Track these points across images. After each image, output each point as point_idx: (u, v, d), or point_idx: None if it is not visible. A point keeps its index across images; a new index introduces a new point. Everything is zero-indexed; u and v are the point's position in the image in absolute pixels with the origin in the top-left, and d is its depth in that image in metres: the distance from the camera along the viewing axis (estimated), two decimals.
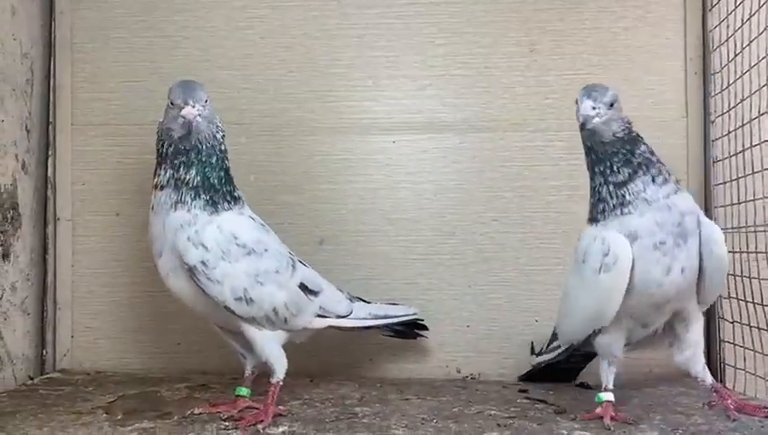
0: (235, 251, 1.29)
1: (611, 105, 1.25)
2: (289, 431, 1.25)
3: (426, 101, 1.76)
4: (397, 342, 1.70)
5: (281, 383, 1.34)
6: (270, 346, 1.33)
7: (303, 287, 1.39)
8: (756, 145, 1.53)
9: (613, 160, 1.24)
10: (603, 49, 1.74)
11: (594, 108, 1.23)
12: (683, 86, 1.73)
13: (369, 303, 1.58)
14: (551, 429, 1.26)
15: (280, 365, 1.34)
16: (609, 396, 1.31)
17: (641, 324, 1.30)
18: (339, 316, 1.47)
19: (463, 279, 1.75)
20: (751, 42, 1.54)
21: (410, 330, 1.65)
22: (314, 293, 1.42)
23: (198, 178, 1.29)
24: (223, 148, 1.34)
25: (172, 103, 1.30)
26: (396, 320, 1.58)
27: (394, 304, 1.63)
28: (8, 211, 1.62)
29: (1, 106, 1.60)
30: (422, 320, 1.65)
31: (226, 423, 1.28)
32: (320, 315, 1.43)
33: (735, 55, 1.60)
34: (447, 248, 1.75)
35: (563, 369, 1.60)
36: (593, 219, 1.28)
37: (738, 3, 1.58)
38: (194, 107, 1.27)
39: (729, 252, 1.29)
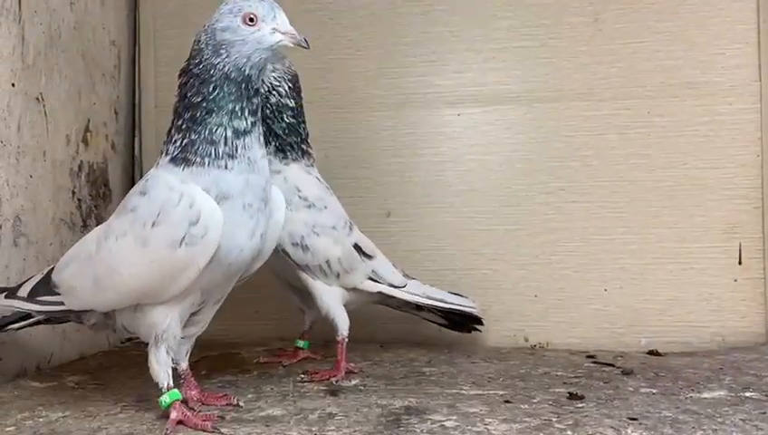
0: (297, 202, 1.40)
1: None
2: (361, 385, 1.32)
3: (490, 73, 1.79)
4: None
5: (346, 340, 1.41)
6: (329, 299, 1.41)
7: (358, 248, 1.46)
8: None
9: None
10: (670, 15, 1.71)
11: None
12: (756, 50, 1.69)
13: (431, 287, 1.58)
14: (617, 386, 1.28)
15: (341, 321, 1.41)
16: (175, 395, 1.08)
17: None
18: (392, 286, 1.50)
19: (530, 249, 1.77)
20: None
21: (465, 322, 1.64)
22: (368, 256, 1.48)
23: (264, 127, 1.30)
24: (274, 102, 1.43)
25: None
26: (450, 306, 1.56)
27: (458, 294, 1.60)
28: (100, 187, 1.75)
29: (93, 90, 1.73)
30: (480, 316, 1.63)
31: (303, 376, 1.36)
32: (372, 279, 1.48)
33: None
34: (514, 219, 1.77)
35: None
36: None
37: None
38: None
39: None
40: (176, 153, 1.05)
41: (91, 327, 1.18)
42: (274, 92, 1.45)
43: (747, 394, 1.21)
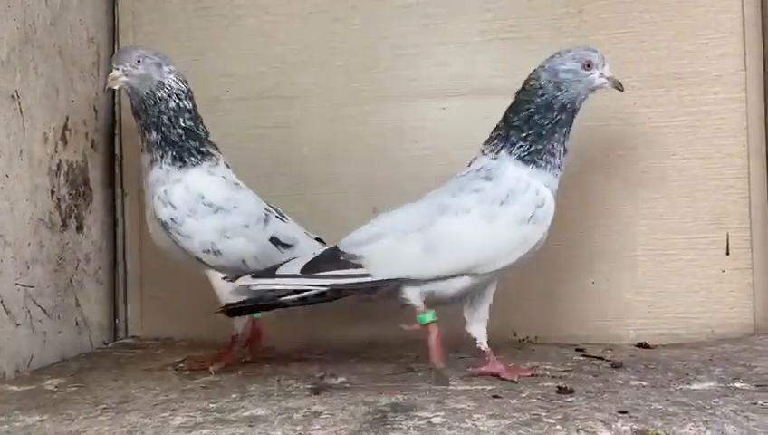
0: (202, 209, 1.40)
1: None
2: (347, 382, 1.30)
3: (475, 66, 1.77)
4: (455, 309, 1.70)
5: (239, 335, 1.48)
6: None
7: (275, 241, 1.46)
8: None
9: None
10: (654, 5, 1.70)
11: None
12: (741, 39, 1.68)
13: None
14: (606, 380, 1.27)
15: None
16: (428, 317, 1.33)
17: None
18: None
19: None
20: None
21: None
22: (286, 245, 1.47)
23: (159, 136, 1.41)
24: (173, 106, 1.41)
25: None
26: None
27: None
28: (80, 186, 1.72)
29: (71, 87, 1.70)
30: None
31: (181, 365, 1.43)
32: None
33: None
34: None
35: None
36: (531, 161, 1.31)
37: None
38: (117, 69, 1.40)
39: None
40: (523, 155, 1.30)
41: (375, 299, 1.32)
42: (174, 96, 1.42)
43: (737, 385, 1.20)
